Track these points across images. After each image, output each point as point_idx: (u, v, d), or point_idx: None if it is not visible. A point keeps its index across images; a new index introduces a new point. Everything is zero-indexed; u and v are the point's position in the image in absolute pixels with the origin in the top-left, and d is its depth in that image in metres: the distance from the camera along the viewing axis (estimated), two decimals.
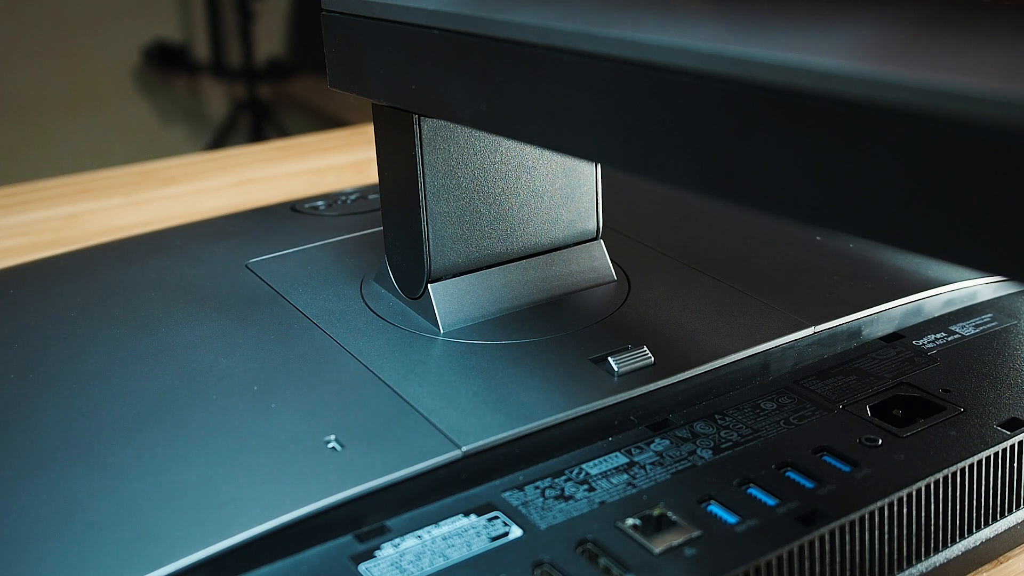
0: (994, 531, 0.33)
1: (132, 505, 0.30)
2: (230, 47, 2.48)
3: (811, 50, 0.21)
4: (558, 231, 0.42)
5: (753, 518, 0.29)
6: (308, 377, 0.37)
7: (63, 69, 2.36)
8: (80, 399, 0.36)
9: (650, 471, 0.31)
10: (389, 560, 0.28)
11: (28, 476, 0.32)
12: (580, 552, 0.28)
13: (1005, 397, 0.35)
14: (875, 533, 0.30)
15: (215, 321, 0.41)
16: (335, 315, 0.41)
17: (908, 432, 0.33)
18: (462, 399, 0.35)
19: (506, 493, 0.31)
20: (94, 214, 0.69)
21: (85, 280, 0.46)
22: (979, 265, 0.18)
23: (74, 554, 0.28)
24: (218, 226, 0.53)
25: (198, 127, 2.60)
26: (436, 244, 0.39)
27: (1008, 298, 0.42)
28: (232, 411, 0.35)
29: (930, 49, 0.21)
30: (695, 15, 0.27)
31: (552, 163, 0.41)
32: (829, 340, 0.39)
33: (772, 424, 0.34)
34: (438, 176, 0.39)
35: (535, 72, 0.27)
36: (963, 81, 0.18)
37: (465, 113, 0.31)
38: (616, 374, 0.36)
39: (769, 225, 0.48)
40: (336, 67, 0.38)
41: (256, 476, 0.31)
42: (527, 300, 0.41)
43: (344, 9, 0.36)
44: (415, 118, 0.37)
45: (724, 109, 0.22)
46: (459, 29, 0.30)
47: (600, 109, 0.25)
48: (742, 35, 0.25)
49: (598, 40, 0.25)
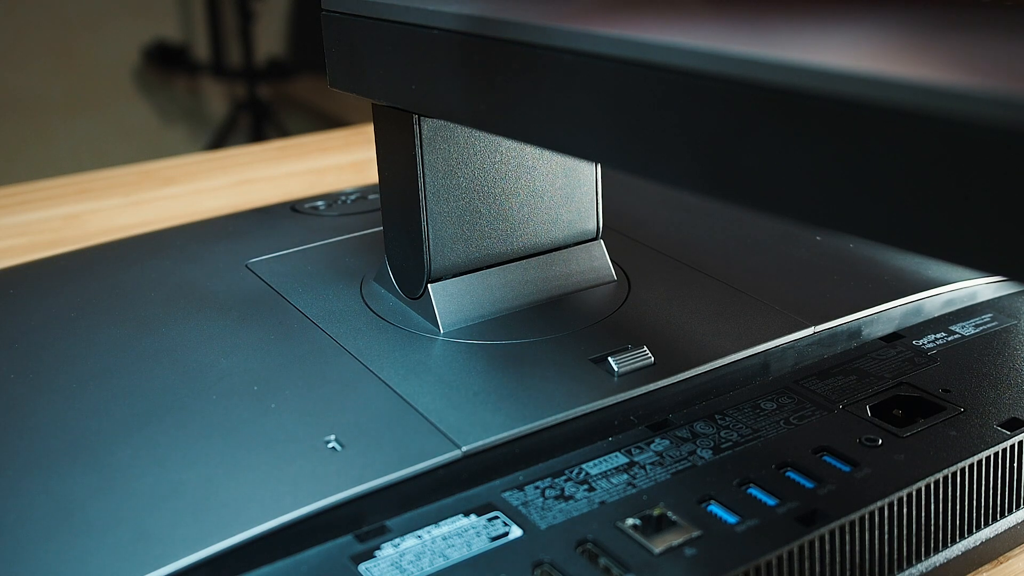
0: (994, 531, 0.33)
1: (132, 505, 0.30)
2: (230, 47, 2.49)
3: (811, 50, 0.21)
4: (558, 231, 0.42)
5: (753, 518, 0.29)
6: (308, 377, 0.37)
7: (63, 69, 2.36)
8: (80, 399, 0.36)
9: (650, 471, 0.31)
10: (389, 560, 0.28)
11: (28, 476, 0.32)
12: (580, 552, 0.28)
13: (1005, 397, 0.35)
14: (875, 533, 0.30)
15: (215, 321, 0.41)
16: (335, 315, 0.41)
17: (908, 432, 0.33)
18: (462, 399, 0.35)
19: (506, 493, 0.31)
20: (94, 214, 0.69)
21: (85, 280, 0.46)
22: (979, 265, 0.18)
23: (74, 554, 0.28)
24: (218, 226, 0.53)
25: (198, 127, 2.60)
26: (436, 244, 0.39)
27: (1008, 298, 0.42)
28: (232, 411, 0.35)
29: (930, 49, 0.21)
30: (695, 15, 0.27)
31: (552, 163, 0.41)
32: (829, 340, 0.39)
33: (772, 424, 0.34)
34: (438, 176, 0.39)
35: (535, 72, 0.27)
36: (963, 81, 0.18)
37: (465, 113, 0.31)
38: (616, 374, 0.36)
39: (769, 225, 0.48)
40: (336, 67, 0.38)
41: (256, 476, 0.31)
42: (527, 300, 0.41)
43: (344, 9, 0.36)
44: (415, 118, 0.37)
45: (724, 109, 0.22)
46: (459, 29, 0.30)
47: (600, 109, 0.25)
48: (742, 35, 0.25)
49: (598, 40, 0.25)
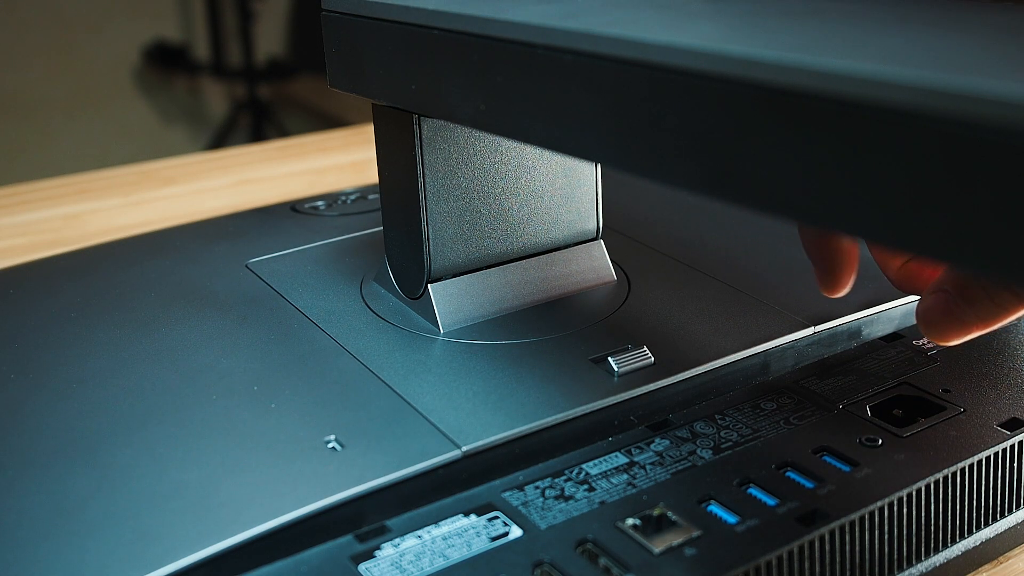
0: (994, 531, 0.33)
1: (132, 505, 0.30)
2: (230, 47, 2.49)
3: (811, 50, 0.21)
4: (558, 231, 0.42)
5: (753, 518, 0.29)
6: (308, 377, 0.37)
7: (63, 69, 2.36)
8: (80, 399, 0.36)
9: (650, 471, 0.31)
10: (389, 560, 0.28)
11: (28, 476, 0.32)
12: (580, 552, 0.28)
13: (1005, 397, 0.35)
14: (875, 533, 0.30)
15: (215, 321, 0.41)
16: (335, 315, 0.41)
17: (908, 432, 0.33)
18: (462, 399, 0.35)
19: (506, 493, 0.31)
20: (94, 214, 0.69)
21: (85, 280, 0.46)
22: (979, 265, 0.18)
23: (74, 554, 0.28)
24: (218, 226, 0.53)
25: (198, 127, 2.60)
26: (436, 244, 0.39)
27: None
28: (232, 411, 0.35)
29: (930, 48, 0.21)
30: (695, 15, 0.27)
31: (552, 163, 0.41)
32: (829, 340, 0.39)
33: (772, 424, 0.34)
34: (438, 176, 0.39)
35: (535, 72, 0.27)
36: (963, 81, 0.18)
37: (465, 113, 0.31)
38: (616, 374, 0.36)
39: (769, 225, 0.48)
40: (336, 67, 0.38)
41: (256, 476, 0.31)
42: (527, 300, 0.41)
43: (344, 9, 0.36)
44: (415, 118, 0.37)
45: (724, 109, 0.22)
46: (459, 29, 0.30)
47: (600, 109, 0.25)
48: (742, 35, 0.25)
49: (598, 40, 0.25)
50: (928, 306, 0.31)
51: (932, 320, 0.30)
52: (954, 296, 0.30)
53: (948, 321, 0.30)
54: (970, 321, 0.30)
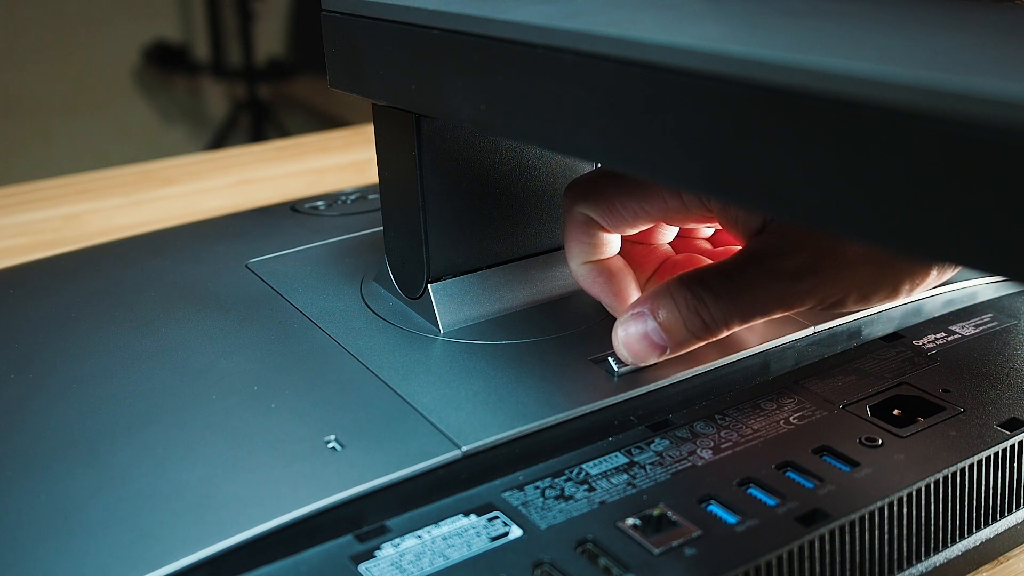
0: (994, 531, 0.33)
1: (132, 505, 0.30)
2: (230, 47, 2.49)
3: (810, 50, 0.21)
4: (558, 231, 0.42)
5: (753, 518, 0.29)
6: (308, 377, 0.37)
7: (63, 69, 2.36)
8: (80, 399, 0.36)
9: (650, 471, 0.31)
10: (389, 560, 0.28)
11: (28, 476, 0.32)
12: (580, 552, 0.28)
13: (1005, 397, 0.35)
14: (875, 533, 0.30)
15: (215, 321, 0.41)
16: (335, 315, 0.41)
17: (908, 432, 0.33)
18: (462, 399, 0.35)
19: (506, 493, 0.31)
20: (94, 214, 0.69)
21: (85, 280, 0.46)
22: (979, 265, 0.18)
23: (74, 554, 0.28)
24: (218, 226, 0.53)
25: (198, 127, 2.60)
26: (436, 244, 0.39)
27: (1008, 298, 0.42)
28: (232, 411, 0.35)
29: (930, 48, 0.21)
30: (695, 15, 0.27)
31: (552, 163, 0.41)
32: (829, 340, 0.39)
33: (772, 424, 0.34)
34: (438, 176, 0.39)
35: (535, 72, 0.27)
36: (963, 81, 0.18)
37: (465, 113, 0.31)
38: (616, 374, 0.36)
39: None
40: (336, 67, 0.38)
41: (256, 476, 0.31)
42: (527, 300, 0.41)
43: (344, 9, 0.36)
44: (415, 118, 0.37)
45: (724, 109, 0.22)
46: (459, 29, 0.30)
47: (600, 109, 0.25)
48: (742, 35, 0.25)
49: (598, 40, 0.25)
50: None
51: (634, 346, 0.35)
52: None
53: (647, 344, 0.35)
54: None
